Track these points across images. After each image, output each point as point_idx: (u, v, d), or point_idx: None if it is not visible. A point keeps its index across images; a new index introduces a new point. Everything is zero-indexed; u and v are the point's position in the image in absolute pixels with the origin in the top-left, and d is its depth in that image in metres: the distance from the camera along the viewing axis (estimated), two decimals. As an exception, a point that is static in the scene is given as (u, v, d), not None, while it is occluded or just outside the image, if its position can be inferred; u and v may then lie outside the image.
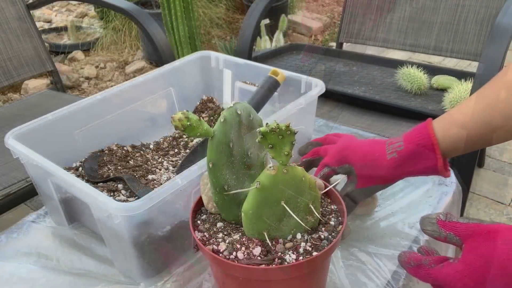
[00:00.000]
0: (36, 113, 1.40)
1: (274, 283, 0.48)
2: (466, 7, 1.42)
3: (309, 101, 0.77)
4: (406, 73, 1.36)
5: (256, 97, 0.82)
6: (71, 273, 0.66)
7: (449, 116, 0.57)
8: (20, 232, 0.74)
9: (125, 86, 0.83)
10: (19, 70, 1.50)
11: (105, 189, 0.70)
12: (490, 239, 0.42)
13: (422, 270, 0.46)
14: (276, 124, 0.43)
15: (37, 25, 1.57)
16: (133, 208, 0.54)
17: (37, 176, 0.71)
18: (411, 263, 0.48)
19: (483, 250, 0.42)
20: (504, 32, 1.07)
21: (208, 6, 3.05)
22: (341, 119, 1.29)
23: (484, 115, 0.53)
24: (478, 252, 0.42)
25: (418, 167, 0.58)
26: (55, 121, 0.74)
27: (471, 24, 1.41)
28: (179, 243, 0.64)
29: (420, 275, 0.47)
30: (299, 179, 0.47)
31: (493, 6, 1.37)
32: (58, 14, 3.65)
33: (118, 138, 0.84)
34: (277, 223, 0.48)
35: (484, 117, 0.53)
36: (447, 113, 0.58)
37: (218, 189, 0.49)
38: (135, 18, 1.33)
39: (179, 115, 0.45)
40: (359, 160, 0.61)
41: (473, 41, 1.41)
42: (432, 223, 0.47)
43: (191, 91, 0.97)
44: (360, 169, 0.61)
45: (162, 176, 0.76)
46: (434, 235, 0.47)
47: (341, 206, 0.53)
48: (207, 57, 0.96)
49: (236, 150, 0.50)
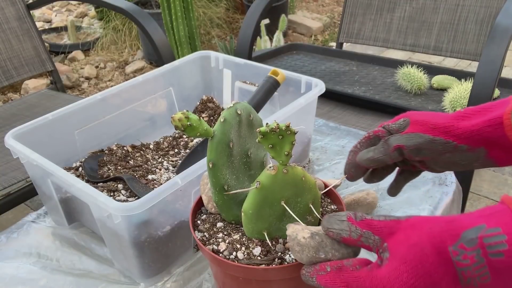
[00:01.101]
0: (36, 113, 1.41)
1: (274, 283, 0.48)
2: (466, 7, 1.42)
3: (309, 101, 0.77)
4: (406, 73, 1.36)
5: (256, 97, 0.82)
6: (71, 274, 0.66)
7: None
8: (20, 232, 0.74)
9: (125, 86, 0.83)
10: (19, 70, 1.50)
11: (105, 189, 0.70)
12: (417, 228, 0.38)
13: (346, 273, 0.40)
14: (276, 124, 0.43)
15: (37, 25, 1.57)
16: (133, 208, 0.54)
17: (37, 176, 0.71)
18: (326, 269, 0.41)
19: (414, 239, 0.38)
20: (504, 32, 1.07)
21: (208, 6, 3.05)
22: (341, 119, 1.29)
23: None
24: (410, 243, 0.38)
25: (483, 119, 0.47)
26: (55, 121, 0.74)
27: (471, 24, 1.41)
28: (179, 243, 0.64)
29: (342, 278, 0.40)
30: (299, 179, 0.47)
31: (493, 6, 1.37)
32: (58, 14, 3.65)
33: (118, 138, 0.84)
34: (277, 223, 0.48)
35: None
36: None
37: (218, 189, 0.49)
38: (135, 18, 1.33)
39: (179, 115, 0.45)
40: (417, 114, 0.52)
41: (473, 41, 1.41)
42: (340, 221, 0.41)
43: (191, 91, 0.97)
44: (416, 115, 0.52)
45: (162, 176, 0.76)
46: (343, 234, 0.41)
47: (341, 206, 0.53)
48: (207, 57, 0.96)
49: (236, 150, 0.50)
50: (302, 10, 3.61)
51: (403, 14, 1.54)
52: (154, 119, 0.91)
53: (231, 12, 3.38)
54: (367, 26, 1.61)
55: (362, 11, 1.61)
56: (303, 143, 0.83)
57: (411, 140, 0.49)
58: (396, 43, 1.56)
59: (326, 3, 3.80)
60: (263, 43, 2.64)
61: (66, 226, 0.74)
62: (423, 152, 0.50)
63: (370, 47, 2.65)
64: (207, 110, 0.96)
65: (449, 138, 0.48)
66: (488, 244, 0.34)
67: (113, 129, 0.83)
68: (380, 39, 1.59)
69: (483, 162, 0.49)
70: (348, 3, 1.64)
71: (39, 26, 2.94)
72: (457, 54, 1.44)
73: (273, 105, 0.89)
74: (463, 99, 1.20)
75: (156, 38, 1.30)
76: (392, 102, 1.31)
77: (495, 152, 0.48)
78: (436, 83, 1.38)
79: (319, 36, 3.25)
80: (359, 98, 1.35)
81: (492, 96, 1.03)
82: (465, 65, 2.67)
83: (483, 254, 0.34)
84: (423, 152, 0.50)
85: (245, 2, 3.19)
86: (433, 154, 0.50)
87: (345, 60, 1.62)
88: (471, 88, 1.06)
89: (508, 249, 0.34)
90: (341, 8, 1.70)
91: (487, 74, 1.03)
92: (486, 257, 0.34)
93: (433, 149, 0.49)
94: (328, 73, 1.52)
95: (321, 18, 3.41)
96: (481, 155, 0.49)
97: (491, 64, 1.04)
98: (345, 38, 1.66)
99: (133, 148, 0.84)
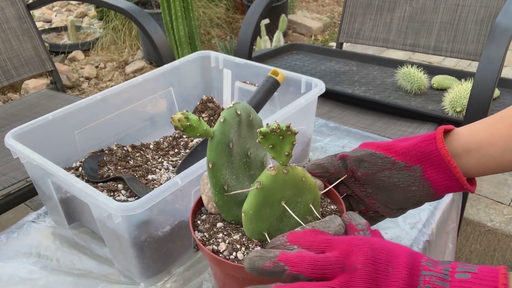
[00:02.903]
0: (36, 113, 1.41)
1: (274, 283, 0.48)
2: (466, 7, 1.42)
3: (309, 101, 0.77)
4: (406, 73, 1.36)
5: (256, 97, 0.82)
6: (72, 274, 0.66)
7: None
8: (20, 232, 0.74)
9: (125, 86, 0.83)
10: (19, 70, 1.50)
11: (105, 189, 0.70)
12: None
13: None
14: (277, 124, 0.42)
15: (37, 25, 1.57)
16: (133, 208, 0.54)
17: (37, 176, 0.71)
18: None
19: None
20: (504, 32, 1.07)
21: (208, 6, 3.05)
22: (341, 119, 1.29)
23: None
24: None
25: (420, 138, 0.50)
26: (55, 121, 0.74)
27: (471, 24, 1.41)
28: (179, 243, 0.64)
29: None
30: (299, 179, 0.47)
31: (493, 6, 1.37)
32: (58, 14, 3.65)
33: (118, 138, 0.84)
34: (277, 223, 0.48)
35: None
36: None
37: (218, 189, 0.49)
38: (135, 18, 1.33)
39: (179, 115, 0.45)
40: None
41: (473, 41, 1.41)
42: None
43: (191, 91, 0.97)
44: (369, 143, 0.55)
45: (162, 176, 0.76)
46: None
47: (341, 206, 0.53)
48: (207, 57, 0.96)
49: (236, 150, 0.50)
50: (302, 10, 3.61)
51: (403, 14, 1.54)
52: (154, 119, 0.91)
53: (231, 12, 3.38)
54: (367, 26, 1.61)
55: (362, 11, 1.61)
56: (303, 143, 0.83)
57: (354, 152, 0.53)
58: (396, 43, 1.56)
59: (326, 3, 3.80)
60: (263, 43, 2.64)
61: (66, 226, 0.74)
62: (364, 165, 0.52)
63: (370, 47, 2.65)
64: (207, 110, 0.96)
65: (389, 153, 0.51)
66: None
67: (113, 129, 0.83)
68: (380, 39, 1.59)
69: (420, 184, 0.51)
70: (348, 3, 1.64)
71: (39, 26, 2.94)
72: (457, 54, 1.44)
73: (273, 105, 0.89)
74: (463, 99, 1.20)
75: (156, 38, 1.30)
76: (392, 102, 1.31)
77: (430, 171, 0.50)
78: (436, 83, 1.38)
79: (319, 36, 3.25)
80: (359, 98, 1.35)
81: (492, 96, 1.03)
82: (465, 65, 2.67)
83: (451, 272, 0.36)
84: (364, 164, 0.52)
85: (245, 2, 3.19)
86: (373, 169, 0.52)
87: (345, 60, 1.62)
88: (471, 88, 1.06)
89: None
90: (341, 8, 1.70)
91: (487, 74, 1.03)
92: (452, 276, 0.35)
93: (373, 163, 0.52)
94: (328, 73, 1.52)
95: (321, 18, 3.41)
96: (417, 175, 0.50)
97: (491, 64, 1.04)
98: (345, 38, 1.66)
99: (133, 148, 0.84)
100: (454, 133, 0.50)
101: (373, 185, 0.53)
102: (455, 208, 0.80)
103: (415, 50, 1.52)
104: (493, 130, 0.48)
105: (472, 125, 0.50)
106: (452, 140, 0.50)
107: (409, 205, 0.54)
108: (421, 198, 0.52)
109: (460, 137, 0.49)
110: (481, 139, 0.48)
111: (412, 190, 0.51)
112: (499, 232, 1.55)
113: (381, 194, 0.53)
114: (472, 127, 0.50)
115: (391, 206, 0.54)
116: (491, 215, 1.62)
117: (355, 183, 0.55)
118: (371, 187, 0.54)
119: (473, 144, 0.48)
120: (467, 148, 0.49)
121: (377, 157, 0.52)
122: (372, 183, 0.53)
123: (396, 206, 0.54)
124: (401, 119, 1.26)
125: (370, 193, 0.54)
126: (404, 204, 0.53)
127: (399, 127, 1.22)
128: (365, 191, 0.55)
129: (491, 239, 1.53)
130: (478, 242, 1.52)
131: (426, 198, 0.52)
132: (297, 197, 0.48)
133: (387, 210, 0.55)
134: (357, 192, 0.55)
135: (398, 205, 0.54)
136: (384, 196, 0.53)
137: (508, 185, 1.77)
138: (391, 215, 0.56)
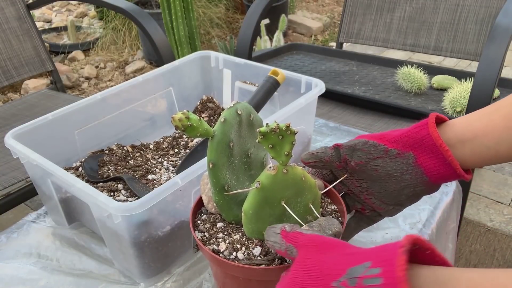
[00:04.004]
0: (36, 113, 1.41)
1: (274, 283, 0.48)
2: (466, 7, 1.42)
3: (309, 101, 0.77)
4: (406, 73, 1.36)
5: (256, 97, 0.82)
6: (72, 274, 0.66)
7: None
8: (20, 232, 0.74)
9: (125, 86, 0.83)
10: (19, 70, 1.50)
11: (105, 189, 0.70)
12: (320, 251, 0.39)
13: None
14: (277, 124, 0.42)
15: (37, 25, 1.57)
16: (133, 208, 0.54)
17: (37, 176, 0.71)
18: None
19: (308, 263, 0.38)
20: (504, 32, 1.07)
21: (208, 6, 3.05)
22: (341, 119, 1.29)
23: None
24: (305, 265, 0.38)
25: (413, 126, 0.51)
26: (55, 121, 0.74)
27: (471, 24, 1.41)
28: (179, 243, 0.64)
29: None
30: (299, 179, 0.47)
31: (493, 6, 1.37)
32: (58, 14, 3.65)
33: (118, 138, 0.84)
34: (277, 223, 0.48)
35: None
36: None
37: (218, 189, 0.49)
38: (135, 18, 1.33)
39: (179, 115, 0.45)
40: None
41: (473, 41, 1.41)
42: (275, 234, 0.43)
43: (191, 91, 0.97)
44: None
45: (162, 176, 0.76)
46: (276, 247, 0.43)
47: (341, 206, 0.53)
48: (207, 57, 0.96)
49: (236, 150, 0.50)
50: (302, 10, 3.61)
51: (403, 14, 1.54)
52: (154, 119, 0.91)
53: (231, 12, 3.38)
54: (367, 26, 1.61)
55: (362, 11, 1.62)
56: (303, 143, 0.83)
57: (348, 142, 0.54)
58: (396, 43, 1.56)
59: (326, 3, 3.80)
60: (263, 43, 2.64)
61: (66, 226, 0.74)
62: (357, 154, 0.52)
63: (370, 47, 2.65)
64: (207, 110, 0.96)
65: (382, 142, 0.52)
66: (365, 286, 0.33)
67: (113, 129, 0.83)
68: (380, 39, 1.59)
69: (413, 172, 0.50)
70: (348, 3, 1.64)
71: (39, 26, 2.95)
72: (457, 54, 1.44)
73: (273, 105, 0.89)
74: (463, 99, 1.20)
75: (156, 38, 1.30)
76: (392, 102, 1.31)
77: (422, 157, 0.49)
78: (436, 83, 1.38)
79: (319, 36, 3.25)
80: (359, 98, 1.35)
81: (492, 96, 1.03)
82: (465, 65, 2.67)
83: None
84: (357, 153, 0.52)
85: (245, 2, 3.19)
86: (366, 157, 0.52)
87: (345, 60, 1.62)
88: (471, 88, 1.06)
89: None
90: (341, 8, 1.70)
91: (487, 74, 1.03)
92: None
93: (366, 151, 0.52)
94: (328, 73, 1.52)
95: (321, 18, 3.41)
96: (410, 161, 0.50)
97: (491, 64, 1.04)
98: (345, 38, 1.66)
99: (133, 148, 0.84)
100: (449, 124, 0.50)
101: (367, 177, 0.53)
102: (455, 208, 0.80)
103: (415, 50, 1.52)
104: (488, 121, 0.47)
105: (467, 116, 0.50)
106: (446, 131, 0.49)
107: (404, 199, 0.53)
108: (415, 189, 0.51)
109: (454, 128, 0.49)
110: (476, 129, 0.48)
111: (406, 179, 0.51)
112: (499, 232, 1.55)
113: (375, 187, 0.53)
114: (467, 117, 0.50)
115: (386, 200, 0.54)
116: (491, 215, 1.62)
117: (350, 179, 0.55)
118: (365, 181, 0.54)
119: (467, 135, 0.48)
120: (461, 138, 0.48)
121: (370, 145, 0.52)
122: (366, 173, 0.53)
123: (391, 201, 0.54)
124: (401, 119, 1.26)
125: (365, 188, 0.54)
126: (399, 198, 0.53)
127: (399, 127, 1.22)
128: (360, 186, 0.54)
129: (491, 239, 1.53)
130: (478, 242, 1.52)
131: (420, 188, 0.51)
132: (297, 197, 0.48)
133: (383, 206, 0.54)
134: (352, 188, 0.55)
135: (393, 198, 0.53)
136: (378, 188, 0.53)
137: (508, 185, 1.77)
138: (388, 213, 0.55)
